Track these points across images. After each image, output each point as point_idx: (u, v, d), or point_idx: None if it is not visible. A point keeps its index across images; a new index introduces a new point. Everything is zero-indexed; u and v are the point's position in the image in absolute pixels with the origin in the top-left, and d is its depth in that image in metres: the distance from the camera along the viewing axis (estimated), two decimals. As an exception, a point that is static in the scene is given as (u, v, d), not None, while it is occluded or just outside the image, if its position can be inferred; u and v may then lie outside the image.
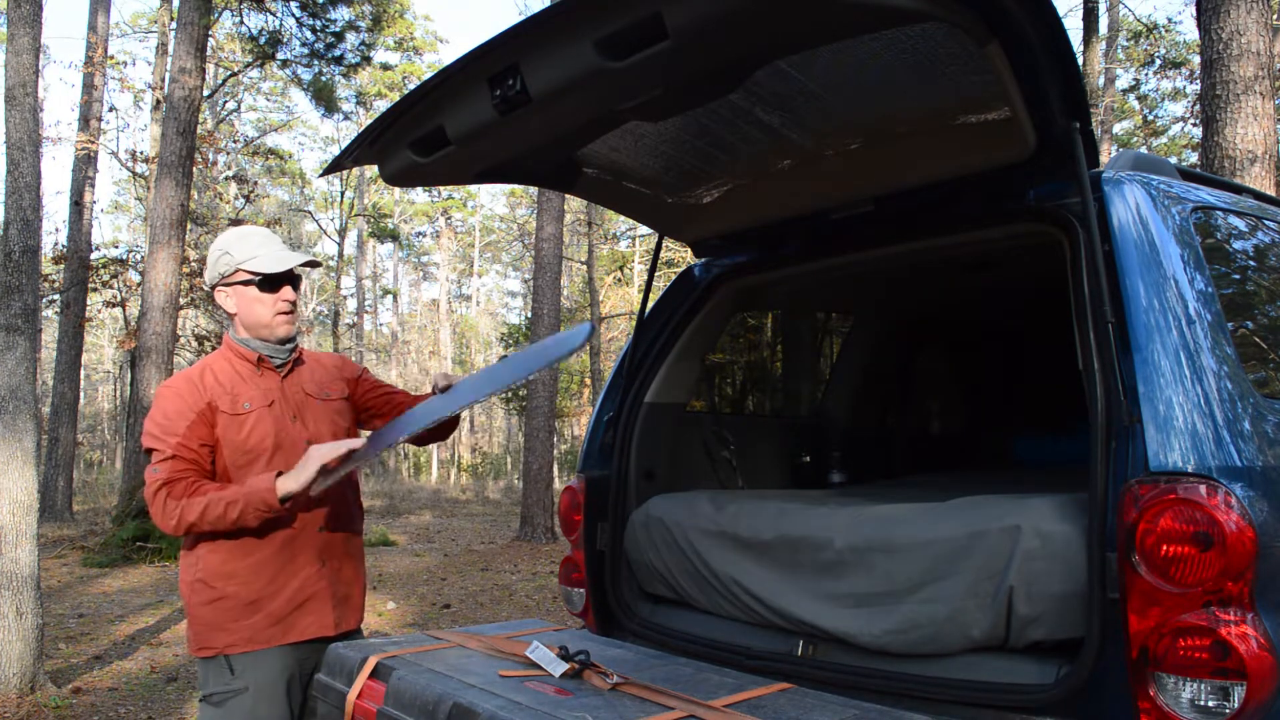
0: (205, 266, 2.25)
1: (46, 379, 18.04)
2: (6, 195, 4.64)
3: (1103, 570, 1.64)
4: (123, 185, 30.00)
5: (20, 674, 4.28)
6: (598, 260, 27.48)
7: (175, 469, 2.09)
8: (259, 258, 2.22)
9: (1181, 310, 1.75)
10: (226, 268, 2.22)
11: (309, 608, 2.22)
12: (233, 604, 2.15)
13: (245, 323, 2.25)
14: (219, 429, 2.16)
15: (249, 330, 2.26)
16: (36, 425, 4.57)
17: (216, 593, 2.16)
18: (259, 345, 2.27)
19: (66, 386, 13.19)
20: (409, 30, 27.53)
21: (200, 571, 2.17)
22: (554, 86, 1.69)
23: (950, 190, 2.21)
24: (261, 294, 2.23)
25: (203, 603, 2.16)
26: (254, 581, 2.17)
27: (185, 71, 10.46)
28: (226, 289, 2.24)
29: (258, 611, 2.16)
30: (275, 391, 2.27)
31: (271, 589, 2.18)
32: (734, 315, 3.23)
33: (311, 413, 2.31)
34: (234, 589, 2.16)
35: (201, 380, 2.20)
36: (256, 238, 2.26)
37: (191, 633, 2.19)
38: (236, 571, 2.16)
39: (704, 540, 2.42)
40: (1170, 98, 21.44)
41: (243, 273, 2.22)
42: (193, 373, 2.23)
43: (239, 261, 2.22)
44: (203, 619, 2.16)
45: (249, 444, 2.18)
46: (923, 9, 1.40)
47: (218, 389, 2.19)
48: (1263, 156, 5.00)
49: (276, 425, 2.22)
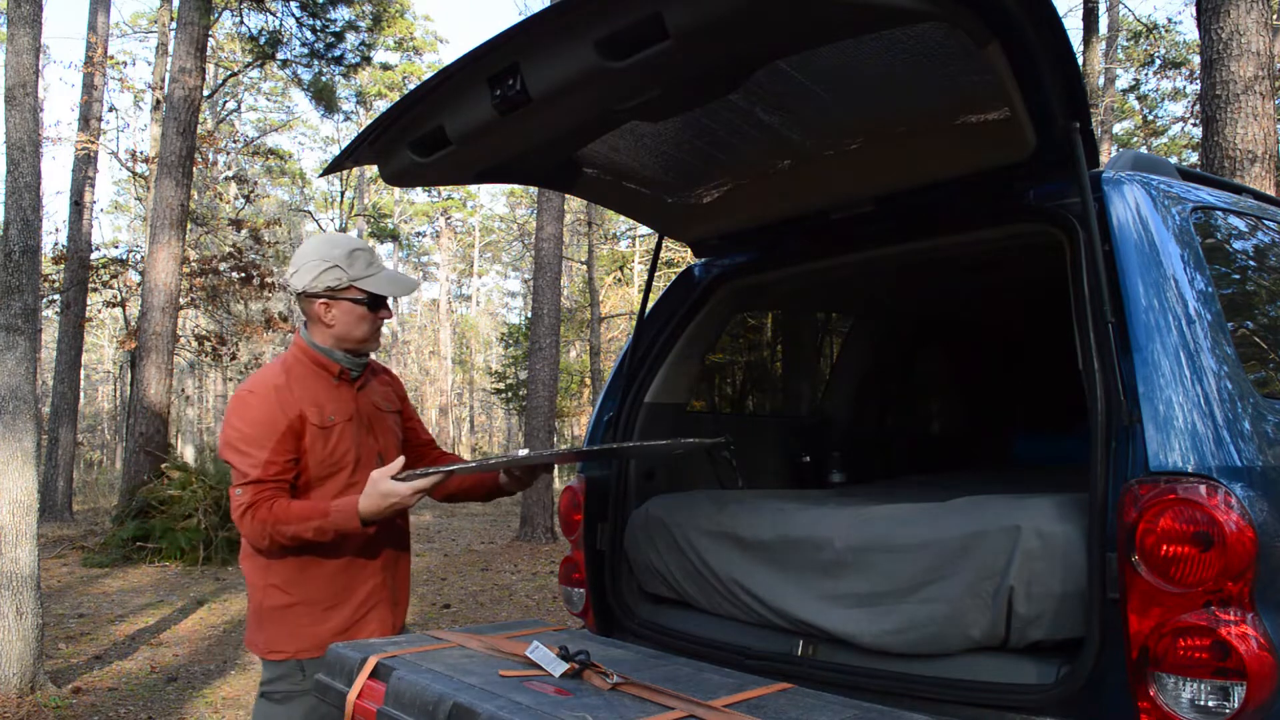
0: (292, 272, 2.24)
1: (46, 379, 18.03)
2: (6, 195, 4.64)
3: (1103, 570, 1.64)
4: (123, 185, 30.00)
5: (20, 674, 4.28)
6: (598, 260, 27.48)
7: (259, 492, 2.09)
8: (373, 279, 2.25)
9: (1181, 310, 1.75)
10: (336, 281, 2.21)
11: (372, 615, 2.27)
12: (305, 610, 2.19)
13: (337, 335, 2.25)
14: (307, 440, 2.16)
15: (336, 342, 2.25)
16: (36, 425, 4.57)
17: (291, 599, 2.18)
18: (342, 357, 2.27)
19: (66, 386, 13.19)
20: (409, 30, 27.53)
21: (274, 577, 2.19)
22: (554, 86, 1.69)
23: (950, 190, 2.21)
24: (367, 312, 2.25)
25: (276, 607, 2.19)
26: (326, 590, 2.21)
27: (185, 71, 10.46)
28: (330, 301, 2.22)
29: (329, 620, 2.20)
30: (352, 404, 2.28)
31: (342, 597, 2.23)
32: (734, 315, 3.23)
33: (380, 426, 2.35)
34: (308, 596, 2.19)
35: (289, 388, 2.18)
36: (364, 255, 2.26)
37: (262, 636, 2.21)
38: (311, 579, 2.19)
39: (704, 540, 2.42)
40: (1170, 98, 21.44)
41: (355, 290, 2.23)
42: (278, 379, 2.20)
43: (352, 279, 2.22)
44: (275, 623, 2.19)
45: (334, 457, 2.20)
46: (923, 9, 1.40)
47: (305, 399, 2.18)
48: (1263, 156, 5.00)
49: (356, 439, 2.25)
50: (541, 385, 11.56)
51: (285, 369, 2.23)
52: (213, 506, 9.22)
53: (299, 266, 2.23)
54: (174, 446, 11.87)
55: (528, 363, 12.40)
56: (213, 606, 7.00)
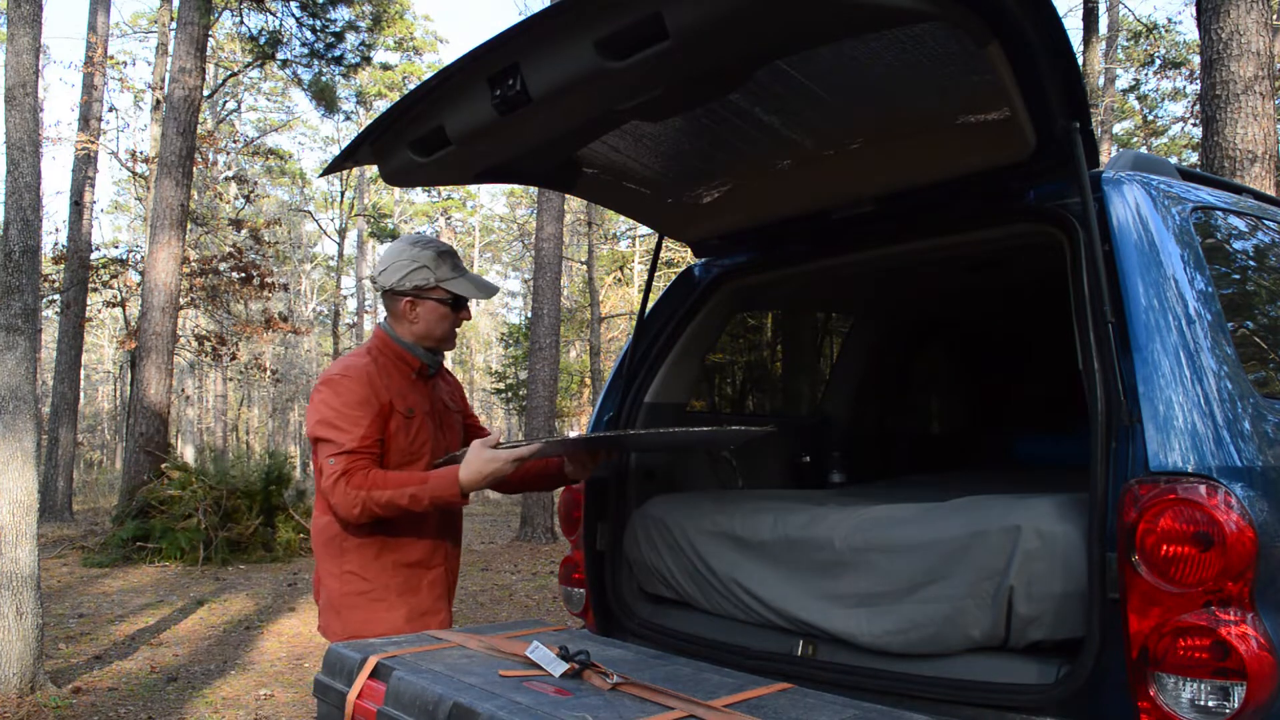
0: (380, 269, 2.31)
1: (46, 379, 18.04)
2: (6, 195, 4.64)
3: (1103, 570, 1.64)
4: (123, 185, 30.01)
5: (20, 674, 4.28)
6: (598, 260, 27.48)
7: (354, 461, 2.14)
8: (461, 281, 2.33)
9: (1181, 310, 1.74)
10: (424, 281, 2.29)
11: (439, 604, 2.36)
12: (381, 597, 2.25)
13: (419, 333, 2.33)
14: (392, 427, 2.24)
15: (418, 339, 2.33)
16: (36, 425, 4.57)
17: (368, 585, 2.24)
18: (422, 354, 2.35)
19: (66, 386, 13.19)
20: (409, 30, 27.52)
21: (350, 564, 2.25)
22: (554, 86, 1.69)
23: (950, 190, 2.21)
24: (449, 312, 2.34)
25: (353, 593, 2.25)
26: (398, 578, 2.28)
27: (185, 71, 10.46)
28: (415, 300, 2.30)
29: (401, 608, 2.27)
30: (428, 399, 2.37)
31: (413, 585, 2.30)
32: (734, 315, 3.23)
33: (447, 422, 2.44)
34: (383, 583, 2.26)
35: (380, 376, 2.26)
36: (451, 257, 2.34)
37: (339, 622, 2.25)
38: (385, 567, 2.26)
39: (704, 540, 2.42)
40: (1170, 98, 21.43)
41: (441, 291, 2.31)
42: (368, 365, 2.26)
43: (440, 280, 2.30)
44: (353, 609, 2.24)
45: (413, 448, 2.28)
46: (923, 9, 1.40)
47: (392, 388, 2.26)
48: (1263, 156, 5.00)
49: (432, 433, 2.34)
50: (541, 385, 11.57)
51: (372, 358, 2.30)
52: (213, 506, 9.22)
53: (388, 264, 2.30)
54: (174, 446, 11.88)
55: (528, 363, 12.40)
56: (213, 606, 7.00)
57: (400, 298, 2.30)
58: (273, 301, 18.99)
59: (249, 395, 36.63)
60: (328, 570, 2.29)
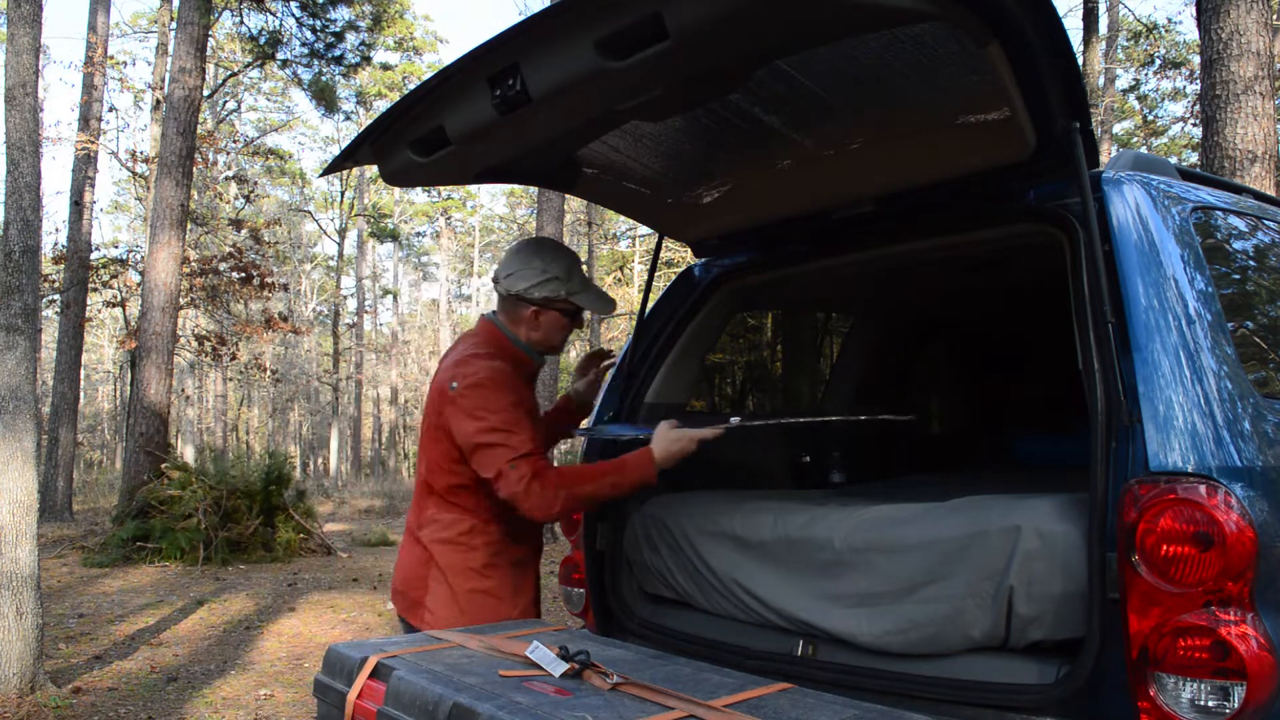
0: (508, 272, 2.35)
1: (46, 379, 18.04)
2: (6, 195, 4.64)
3: (1103, 570, 1.64)
4: (123, 185, 30.00)
5: (20, 674, 4.28)
6: (598, 260, 27.48)
7: (537, 463, 2.18)
8: (588, 296, 2.40)
9: (1181, 310, 1.74)
10: (553, 293, 2.34)
11: (535, 601, 2.46)
12: (498, 595, 2.33)
13: (537, 339, 2.39)
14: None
15: (533, 344, 2.40)
16: (36, 425, 4.57)
17: (489, 583, 2.31)
18: (537, 358, 2.44)
19: (66, 386, 13.19)
20: (409, 30, 27.54)
21: (475, 562, 2.32)
22: (554, 86, 1.69)
23: (950, 190, 2.21)
24: (569, 324, 2.43)
25: (476, 591, 2.31)
26: (511, 577, 2.37)
27: (185, 71, 10.46)
28: (541, 309, 2.35)
29: (514, 606, 2.36)
30: (533, 398, 2.43)
31: (521, 584, 2.40)
32: (734, 315, 3.23)
33: (538, 420, 2.48)
34: (501, 582, 2.34)
35: (516, 376, 2.31)
36: (579, 268, 2.40)
37: (465, 619, 2.28)
38: (502, 566, 2.34)
39: (704, 540, 2.42)
40: (1170, 98, 21.44)
41: (568, 303, 2.37)
42: (504, 368, 2.28)
43: (570, 293, 2.36)
44: (476, 606, 2.30)
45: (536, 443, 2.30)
46: (923, 9, 1.40)
47: (520, 389, 2.32)
48: (1263, 156, 5.00)
49: (541, 431, 2.39)
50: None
51: (501, 360, 2.31)
52: (213, 506, 9.22)
53: (518, 270, 2.33)
54: (174, 446, 11.87)
55: (528, 363, 12.40)
56: (213, 606, 7.00)
57: (526, 305, 2.34)
58: (273, 301, 18.99)
59: (249, 395, 36.64)
60: (450, 564, 2.32)
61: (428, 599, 2.35)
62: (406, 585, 2.41)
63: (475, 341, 2.38)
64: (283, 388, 32.15)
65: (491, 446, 2.16)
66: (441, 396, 2.28)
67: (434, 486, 2.36)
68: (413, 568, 2.40)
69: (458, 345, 2.44)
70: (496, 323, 2.40)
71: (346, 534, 12.15)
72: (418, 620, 2.36)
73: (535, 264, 2.32)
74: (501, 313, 2.41)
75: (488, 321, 2.43)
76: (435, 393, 2.33)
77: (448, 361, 2.37)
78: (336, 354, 29.84)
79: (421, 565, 2.37)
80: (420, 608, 2.36)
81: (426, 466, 2.38)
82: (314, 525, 10.39)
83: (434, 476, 2.35)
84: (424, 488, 2.40)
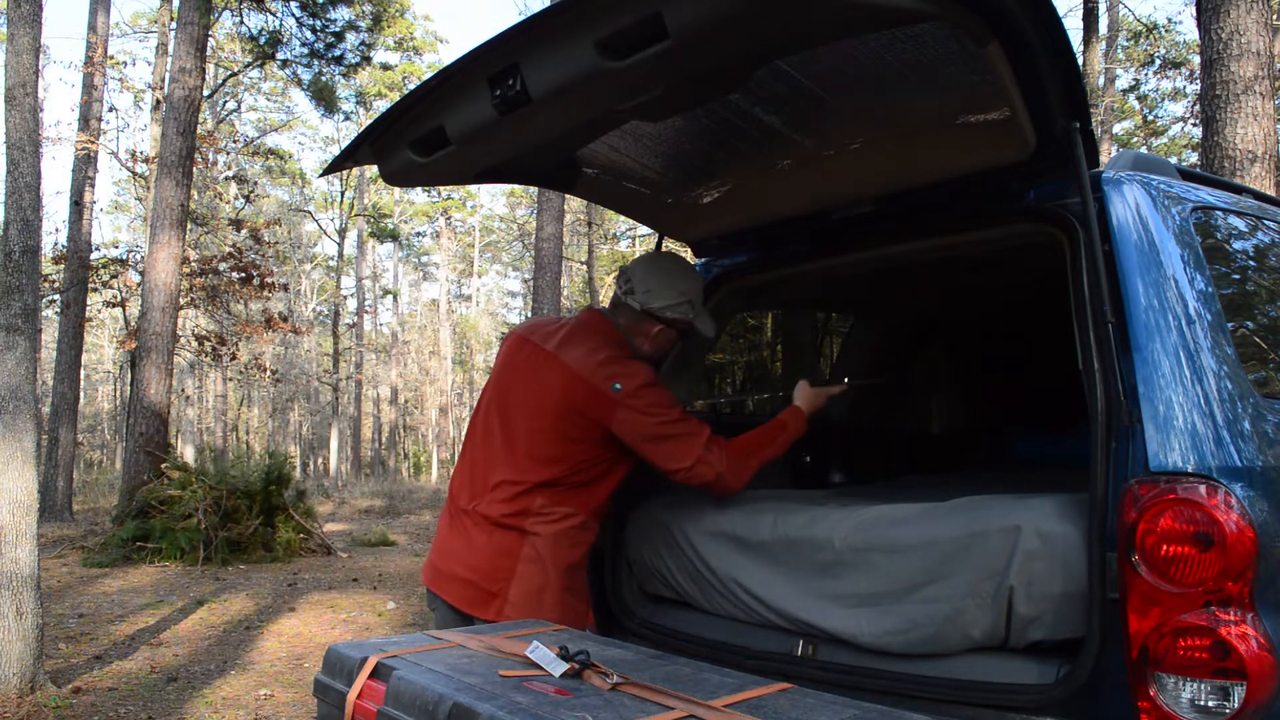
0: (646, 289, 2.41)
1: (46, 379, 18.04)
2: (6, 195, 4.63)
3: (1103, 570, 1.64)
4: (123, 185, 30.02)
5: (20, 674, 4.28)
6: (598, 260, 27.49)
7: (723, 444, 2.30)
8: (703, 319, 2.51)
9: (1181, 310, 1.75)
10: (682, 315, 2.44)
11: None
12: (575, 596, 2.38)
13: (647, 352, 2.47)
14: None
15: (641, 354, 2.46)
16: (36, 425, 4.57)
17: (568, 582, 2.35)
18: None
19: (66, 386, 13.19)
20: (409, 30, 27.54)
21: (574, 557, 2.36)
22: (554, 86, 1.69)
23: (950, 190, 2.21)
24: (677, 341, 2.54)
25: (564, 588, 2.34)
26: (581, 579, 2.43)
27: (185, 71, 10.46)
28: (665, 328, 2.45)
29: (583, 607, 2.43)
30: None
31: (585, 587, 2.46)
32: (734, 315, 3.23)
33: None
34: (575, 583, 2.39)
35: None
36: (701, 299, 2.52)
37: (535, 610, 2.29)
38: (579, 569, 2.41)
39: (704, 540, 2.42)
40: (1170, 98, 21.44)
41: (689, 326, 2.48)
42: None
43: (694, 316, 2.47)
44: (560, 607, 2.33)
45: None
46: (923, 9, 1.40)
47: None
48: (1263, 156, 5.00)
49: None
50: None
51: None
52: (213, 506, 9.22)
53: (656, 286, 2.40)
54: (174, 446, 11.88)
55: (528, 363, 12.37)
56: (213, 606, 7.00)
57: (655, 322, 2.42)
58: (273, 301, 18.99)
59: (249, 395, 36.65)
60: (557, 560, 2.32)
61: (511, 590, 2.28)
62: (479, 575, 2.31)
63: (604, 340, 2.38)
64: (283, 388, 32.16)
65: (679, 437, 2.27)
66: (598, 397, 2.26)
67: (553, 478, 2.32)
68: (492, 558, 2.31)
69: (578, 338, 2.39)
70: (620, 328, 2.44)
71: (346, 534, 12.15)
72: (486, 612, 2.28)
73: (678, 286, 2.41)
74: (625, 320, 2.45)
75: (610, 323, 2.44)
76: (580, 391, 2.29)
77: (579, 358, 2.32)
78: (336, 354, 29.85)
79: (505, 556, 2.30)
80: (496, 599, 2.29)
81: (541, 458, 2.32)
82: (314, 525, 10.38)
83: (553, 468, 2.31)
84: (525, 477, 2.33)
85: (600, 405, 2.26)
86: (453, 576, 2.37)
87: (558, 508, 2.33)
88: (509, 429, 2.40)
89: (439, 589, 2.41)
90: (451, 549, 2.40)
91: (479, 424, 2.51)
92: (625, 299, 2.43)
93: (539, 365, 2.39)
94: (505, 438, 2.40)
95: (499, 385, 2.50)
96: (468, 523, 2.39)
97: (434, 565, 2.45)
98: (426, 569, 2.49)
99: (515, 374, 2.45)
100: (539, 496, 2.33)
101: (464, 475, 2.47)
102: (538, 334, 2.48)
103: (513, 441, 2.38)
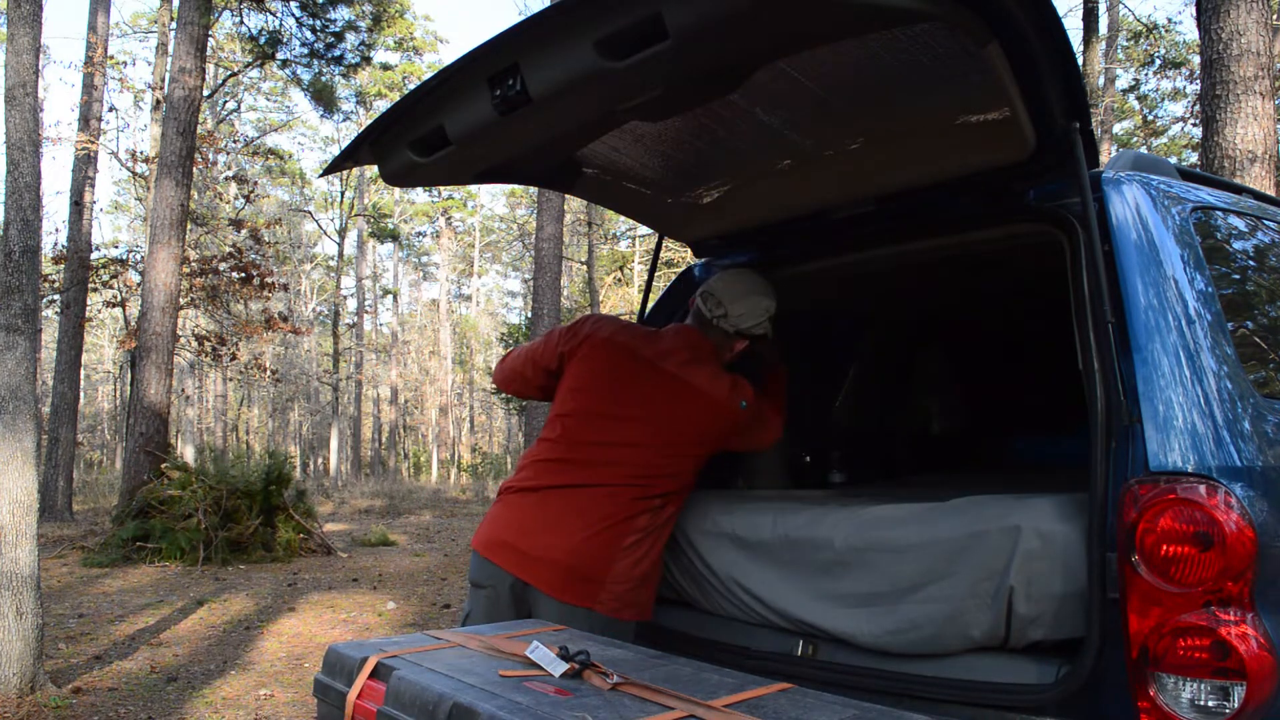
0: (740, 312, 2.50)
1: (46, 379, 18.04)
2: (6, 195, 4.63)
3: (1103, 570, 1.64)
4: (123, 185, 30.03)
5: (20, 674, 4.28)
6: (598, 260, 27.50)
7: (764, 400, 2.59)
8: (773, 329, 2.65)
9: (1181, 310, 1.75)
10: (766, 330, 2.56)
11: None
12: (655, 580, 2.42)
13: (729, 358, 2.57)
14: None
15: (725, 362, 2.56)
16: (36, 425, 4.57)
17: (651, 567, 2.38)
18: None
19: (66, 386, 13.19)
20: (409, 30, 27.55)
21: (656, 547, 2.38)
22: (554, 86, 1.69)
23: (950, 190, 2.21)
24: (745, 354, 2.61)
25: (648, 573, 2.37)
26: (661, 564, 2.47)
27: (185, 71, 10.46)
28: (746, 343, 2.56)
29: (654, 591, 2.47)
30: None
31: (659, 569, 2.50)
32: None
33: None
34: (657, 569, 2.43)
35: None
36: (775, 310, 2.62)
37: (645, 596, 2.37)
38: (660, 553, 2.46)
39: (704, 540, 2.42)
40: (1170, 98, 21.45)
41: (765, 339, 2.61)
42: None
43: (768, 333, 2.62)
44: (648, 588, 2.38)
45: None
46: (923, 9, 1.40)
47: None
48: (1263, 156, 5.00)
49: None
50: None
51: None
52: (213, 506, 9.22)
53: (748, 308, 2.50)
54: (174, 446, 11.87)
55: (528, 363, 12.37)
56: (213, 606, 7.00)
57: (741, 339, 2.54)
58: (273, 301, 18.98)
59: (249, 395, 36.66)
60: (655, 550, 2.37)
61: (611, 574, 2.28)
62: (580, 559, 2.27)
63: (711, 357, 2.50)
64: (283, 388, 32.16)
65: (770, 418, 2.57)
66: (734, 418, 2.42)
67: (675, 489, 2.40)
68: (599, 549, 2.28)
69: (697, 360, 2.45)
70: (711, 339, 2.53)
71: (346, 534, 12.15)
72: (587, 597, 2.26)
73: (764, 304, 2.51)
74: (715, 338, 2.52)
75: (711, 343, 2.52)
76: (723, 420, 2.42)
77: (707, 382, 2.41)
78: (336, 354, 29.85)
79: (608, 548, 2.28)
80: (598, 584, 2.27)
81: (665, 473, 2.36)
82: (314, 525, 10.38)
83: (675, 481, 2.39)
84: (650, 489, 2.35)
85: (733, 425, 2.44)
86: (552, 560, 2.29)
87: (654, 498, 2.37)
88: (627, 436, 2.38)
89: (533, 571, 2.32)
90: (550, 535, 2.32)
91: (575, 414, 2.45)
92: (719, 323, 2.51)
93: (665, 387, 2.40)
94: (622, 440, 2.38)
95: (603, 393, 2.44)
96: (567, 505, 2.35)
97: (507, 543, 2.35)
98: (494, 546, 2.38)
99: (634, 388, 2.42)
100: (657, 501, 2.38)
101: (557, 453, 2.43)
102: (646, 348, 2.47)
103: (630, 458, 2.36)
